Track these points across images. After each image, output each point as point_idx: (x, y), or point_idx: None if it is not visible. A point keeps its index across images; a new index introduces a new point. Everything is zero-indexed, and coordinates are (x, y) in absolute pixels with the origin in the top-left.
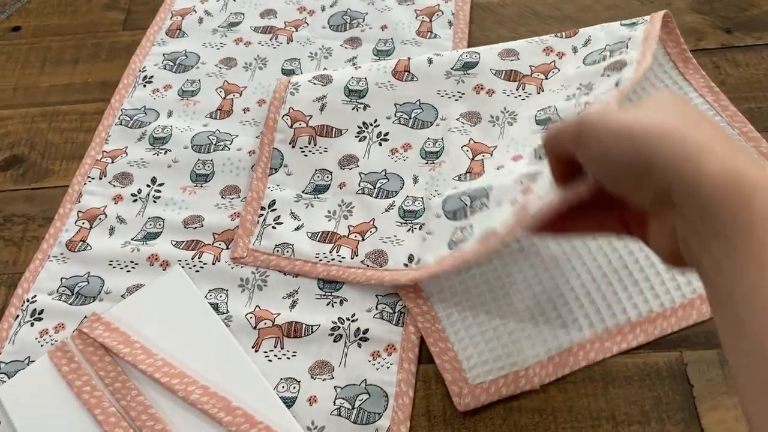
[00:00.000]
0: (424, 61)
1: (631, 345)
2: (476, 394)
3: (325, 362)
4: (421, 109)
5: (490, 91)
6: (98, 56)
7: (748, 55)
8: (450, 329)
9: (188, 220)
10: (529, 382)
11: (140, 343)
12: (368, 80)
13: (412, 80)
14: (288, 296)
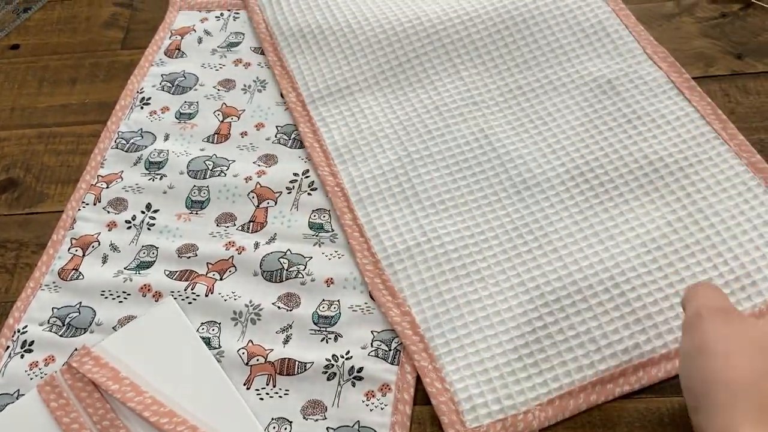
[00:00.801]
0: None
1: (634, 387)
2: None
3: (318, 402)
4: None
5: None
6: (96, 76)
7: (760, 82)
8: (448, 368)
9: (182, 248)
10: (528, 426)
11: (129, 380)
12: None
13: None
14: (282, 330)
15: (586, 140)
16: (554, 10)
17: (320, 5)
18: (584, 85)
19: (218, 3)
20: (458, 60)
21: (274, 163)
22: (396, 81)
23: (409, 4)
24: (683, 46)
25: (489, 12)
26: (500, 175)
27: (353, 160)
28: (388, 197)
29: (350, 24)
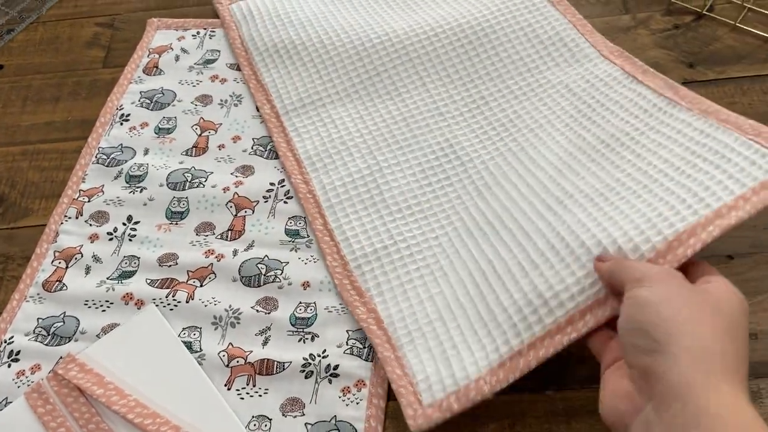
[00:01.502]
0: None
1: (581, 332)
2: (428, 413)
3: (297, 399)
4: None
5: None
6: (78, 94)
7: (710, 89)
8: (409, 355)
9: (163, 258)
10: (479, 392)
11: (114, 384)
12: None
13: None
14: (261, 333)
15: (546, 141)
16: (513, 24)
17: (293, 22)
18: (543, 92)
19: (194, 22)
20: (424, 73)
21: (251, 173)
22: (366, 93)
23: (378, 21)
24: (639, 57)
25: (453, 27)
26: (463, 180)
27: (324, 168)
28: (357, 203)
29: (322, 39)
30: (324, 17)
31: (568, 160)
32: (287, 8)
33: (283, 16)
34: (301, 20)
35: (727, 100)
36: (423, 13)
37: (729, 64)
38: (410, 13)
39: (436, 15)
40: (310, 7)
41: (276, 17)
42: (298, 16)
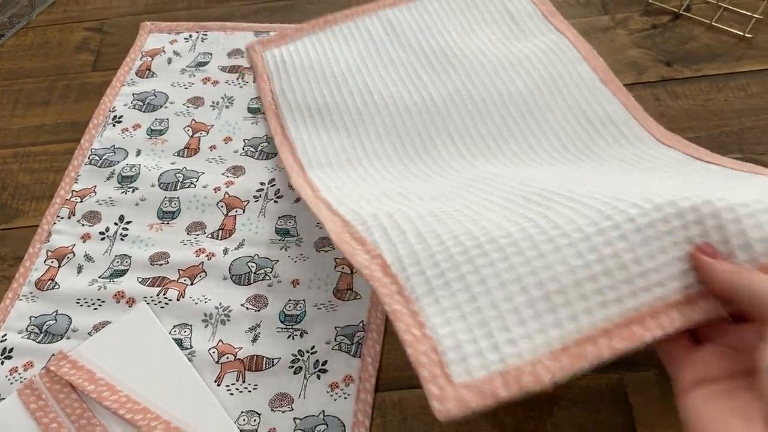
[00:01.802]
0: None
1: (667, 330)
2: (463, 396)
3: (285, 394)
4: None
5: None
6: (68, 97)
7: (687, 87)
8: (429, 310)
9: (154, 257)
10: (538, 381)
11: (105, 380)
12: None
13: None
14: (250, 330)
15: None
16: (560, 100)
17: (327, 77)
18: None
19: (187, 26)
20: (462, 146)
21: (241, 173)
22: (399, 160)
23: (416, 84)
24: (618, 56)
25: (495, 99)
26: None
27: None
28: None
29: (355, 100)
30: (360, 73)
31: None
32: (322, 60)
33: (317, 69)
34: (335, 75)
35: (703, 97)
36: (464, 78)
37: (705, 62)
38: (451, 77)
39: (478, 82)
40: (346, 60)
41: (310, 69)
42: (333, 71)
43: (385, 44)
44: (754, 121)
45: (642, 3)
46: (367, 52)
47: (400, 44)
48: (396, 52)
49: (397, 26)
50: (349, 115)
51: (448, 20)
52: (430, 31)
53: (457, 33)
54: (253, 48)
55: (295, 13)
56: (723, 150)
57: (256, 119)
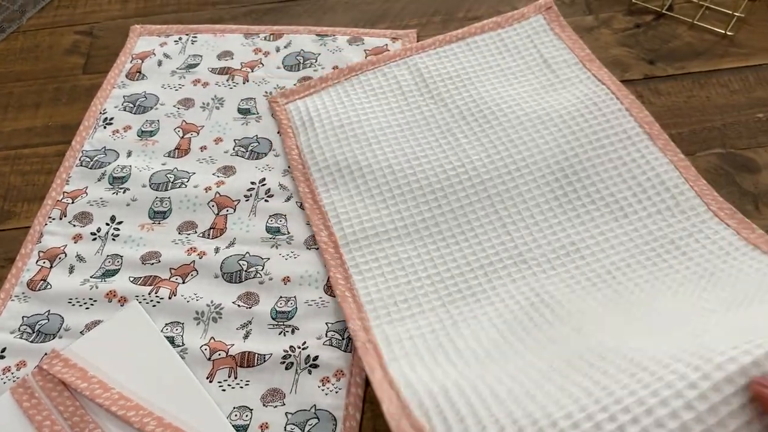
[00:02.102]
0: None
1: None
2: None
3: (277, 390)
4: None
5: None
6: (59, 100)
7: (670, 84)
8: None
9: (146, 256)
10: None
11: (97, 378)
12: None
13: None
14: (242, 327)
15: (655, 302)
16: (606, 161)
17: (358, 137)
18: (645, 245)
19: (176, 28)
20: (504, 213)
21: (232, 173)
22: (438, 231)
23: (453, 146)
24: (602, 55)
25: (537, 161)
26: (558, 341)
27: (389, 317)
28: (427, 357)
29: (390, 163)
30: (393, 135)
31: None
32: (352, 118)
33: (347, 128)
34: (367, 135)
35: (686, 93)
36: (501, 136)
37: (687, 60)
38: (488, 135)
39: (517, 139)
40: (376, 115)
41: (339, 128)
42: (364, 130)
43: (415, 97)
44: (736, 116)
45: (625, 3)
46: (398, 106)
47: (431, 96)
48: (427, 105)
49: (427, 76)
50: (383, 178)
51: (480, 69)
52: (462, 82)
53: (491, 83)
54: (276, 101)
55: (284, 15)
56: (705, 145)
57: (246, 120)
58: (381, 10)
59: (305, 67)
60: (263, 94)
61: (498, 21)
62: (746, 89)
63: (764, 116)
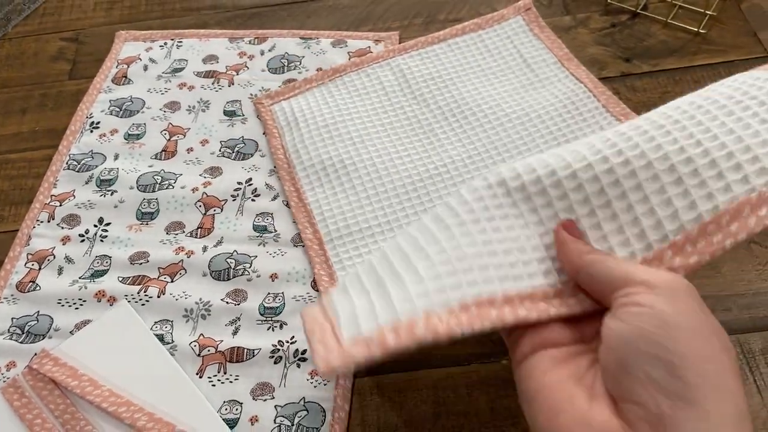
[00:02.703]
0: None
1: (574, 311)
2: (349, 351)
3: (266, 383)
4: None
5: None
6: (45, 105)
7: (646, 81)
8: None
9: (134, 256)
10: (431, 330)
11: (88, 376)
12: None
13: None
14: (231, 323)
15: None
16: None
17: (342, 135)
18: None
19: (162, 34)
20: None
21: (219, 174)
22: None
23: (435, 145)
24: (579, 54)
25: (513, 156)
26: None
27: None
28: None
29: (374, 161)
30: (377, 134)
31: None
32: (336, 118)
33: (331, 127)
34: (351, 135)
35: (660, 90)
36: (481, 135)
37: (662, 57)
38: (468, 135)
39: (496, 139)
40: (362, 119)
41: (324, 128)
42: (348, 130)
43: (398, 97)
44: None
45: (601, 3)
46: (381, 106)
47: (413, 96)
48: (410, 105)
49: (410, 76)
50: (367, 176)
51: (462, 69)
52: (443, 82)
53: (471, 83)
54: (261, 102)
55: (268, 20)
56: None
57: (231, 122)
58: (364, 13)
59: (289, 70)
60: (248, 96)
61: (478, 22)
62: None
63: None
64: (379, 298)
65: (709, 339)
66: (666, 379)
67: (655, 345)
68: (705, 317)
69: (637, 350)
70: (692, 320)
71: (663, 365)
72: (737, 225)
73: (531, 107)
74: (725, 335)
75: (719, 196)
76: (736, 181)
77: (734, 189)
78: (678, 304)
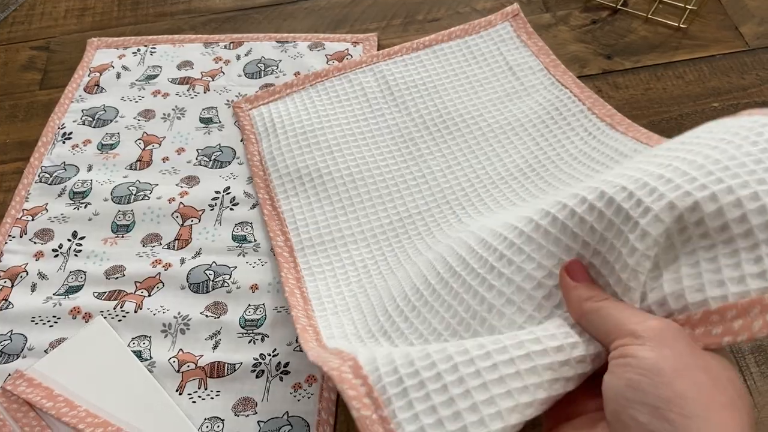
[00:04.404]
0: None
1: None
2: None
3: (248, 398)
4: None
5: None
6: (16, 117)
7: (628, 77)
8: (401, 415)
9: (110, 270)
10: None
11: (63, 396)
12: None
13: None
14: (210, 337)
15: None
16: (565, 155)
17: (320, 144)
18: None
19: (134, 40)
20: (463, 213)
21: (196, 183)
22: (394, 235)
23: (415, 156)
24: (560, 52)
25: (497, 169)
26: None
27: (334, 310)
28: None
29: (351, 171)
30: (356, 142)
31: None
32: (315, 125)
33: (309, 134)
34: (329, 143)
35: (643, 86)
36: (462, 147)
37: (643, 53)
38: (449, 145)
39: (480, 153)
40: (341, 127)
41: (302, 135)
42: (326, 138)
43: (380, 104)
44: (692, 106)
45: (581, 0)
46: (362, 113)
47: (395, 104)
48: (391, 113)
49: (392, 83)
50: (344, 186)
51: (446, 76)
52: (426, 90)
53: (455, 91)
54: (239, 106)
55: (243, 23)
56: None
57: (208, 129)
58: (341, 14)
59: (266, 74)
60: (225, 102)
61: (465, 28)
62: (701, 79)
63: (719, 105)
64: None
65: (695, 377)
66: (654, 423)
67: (639, 393)
68: (691, 357)
69: (625, 400)
70: (677, 362)
71: (648, 410)
72: (741, 323)
73: (514, 116)
74: (720, 368)
75: (733, 287)
76: (753, 275)
77: (749, 284)
78: (663, 350)
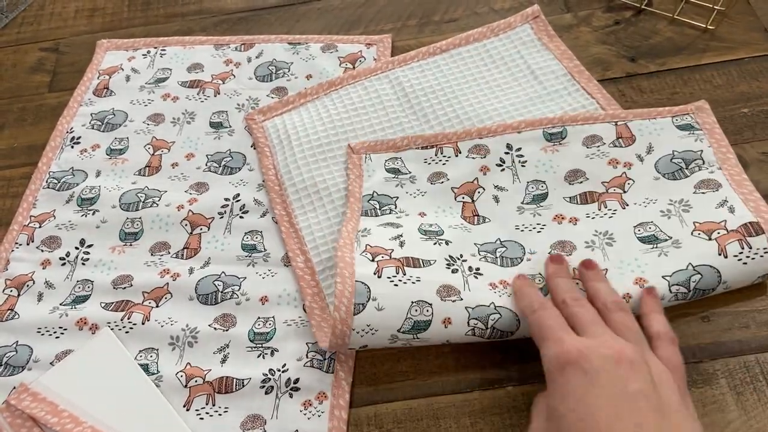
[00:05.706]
0: (491, 201)
1: None
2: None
3: (257, 416)
4: (505, 247)
5: (573, 220)
6: (24, 120)
7: (652, 81)
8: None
9: (117, 280)
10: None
11: (68, 412)
12: (440, 224)
13: (485, 222)
14: (219, 351)
15: None
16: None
17: (337, 157)
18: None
19: (144, 42)
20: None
21: (205, 190)
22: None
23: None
24: (582, 54)
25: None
26: None
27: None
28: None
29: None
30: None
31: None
32: (331, 137)
33: (325, 147)
34: (346, 155)
35: (669, 91)
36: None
37: (669, 56)
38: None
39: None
40: (357, 138)
41: (318, 147)
42: (343, 149)
43: (396, 112)
44: (721, 112)
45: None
46: (378, 123)
47: (413, 111)
48: (409, 121)
49: (409, 90)
50: None
51: (465, 81)
52: (445, 96)
53: (475, 96)
54: (253, 118)
55: (255, 24)
56: None
57: (218, 134)
58: (355, 15)
59: (278, 77)
60: (235, 106)
61: (483, 31)
62: (729, 84)
63: (749, 111)
64: None
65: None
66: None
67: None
68: (620, 391)
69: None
70: (602, 399)
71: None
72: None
73: None
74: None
75: None
76: None
77: None
78: (592, 379)
